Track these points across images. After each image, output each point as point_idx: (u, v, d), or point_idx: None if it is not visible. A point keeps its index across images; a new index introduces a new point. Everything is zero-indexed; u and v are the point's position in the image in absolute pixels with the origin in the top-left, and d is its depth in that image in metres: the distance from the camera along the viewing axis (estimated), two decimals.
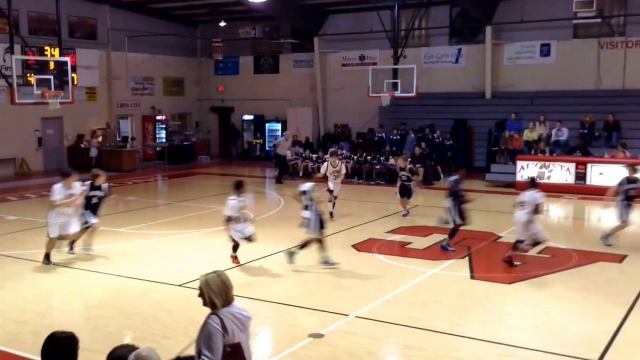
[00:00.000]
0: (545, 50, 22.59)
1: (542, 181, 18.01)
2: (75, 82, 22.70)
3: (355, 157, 21.70)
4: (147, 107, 27.27)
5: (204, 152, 28.00)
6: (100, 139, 24.46)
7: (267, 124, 28.08)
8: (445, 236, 11.58)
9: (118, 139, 25.85)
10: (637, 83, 20.58)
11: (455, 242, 11.30)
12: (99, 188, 11.25)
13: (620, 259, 10.59)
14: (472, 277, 9.67)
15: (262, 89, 27.96)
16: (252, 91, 28.19)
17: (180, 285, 9.31)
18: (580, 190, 17.34)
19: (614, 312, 7.97)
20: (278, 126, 27.72)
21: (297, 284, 9.48)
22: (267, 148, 27.71)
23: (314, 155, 22.67)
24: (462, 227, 11.32)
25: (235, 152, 28.48)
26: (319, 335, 7.28)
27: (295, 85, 27.35)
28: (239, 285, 9.26)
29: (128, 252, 11.50)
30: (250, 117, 28.50)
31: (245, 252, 11.21)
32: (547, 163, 18.31)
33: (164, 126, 27.48)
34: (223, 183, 21.67)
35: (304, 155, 22.86)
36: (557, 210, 16.20)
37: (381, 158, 21.19)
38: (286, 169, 21.70)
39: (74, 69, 21.55)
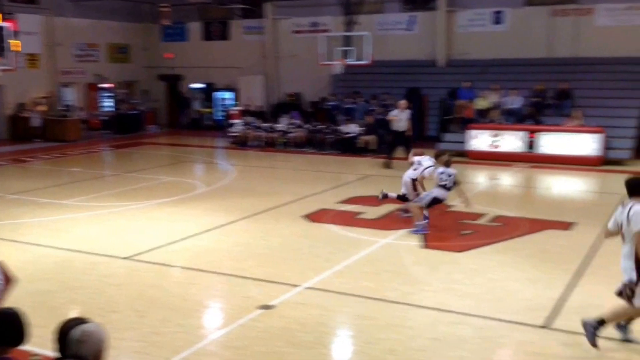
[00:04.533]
0: (497, 18, 22.68)
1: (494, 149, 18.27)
2: (19, 49, 21.63)
3: (309, 126, 21.49)
4: (92, 75, 26.30)
5: (152, 121, 27.27)
6: (43, 107, 23.51)
7: (217, 93, 27.51)
8: (398, 205, 11.57)
9: (59, 107, 24.83)
10: (589, 51, 20.86)
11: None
12: None
13: (568, 226, 10.77)
14: (423, 246, 9.67)
15: (212, 57, 27.29)
16: (201, 59, 27.48)
17: (127, 258, 9.03)
18: (531, 158, 17.58)
19: (561, 278, 8.07)
20: (229, 95, 27.20)
21: (248, 255, 9.30)
22: (216, 117, 27.21)
23: (266, 125, 22.35)
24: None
25: (185, 121, 27.85)
26: (269, 307, 7.15)
27: (246, 53, 26.79)
28: (189, 257, 9.13)
29: (72, 224, 11.08)
30: (199, 85, 27.86)
31: (195, 223, 10.99)
32: (498, 131, 18.48)
33: (110, 94, 26.60)
34: (172, 153, 21.23)
35: (255, 124, 22.50)
36: (508, 179, 16.40)
37: (334, 127, 21.01)
38: (405, 146, 16.61)
39: (15, 35, 20.49)
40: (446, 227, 10.76)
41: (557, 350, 6.13)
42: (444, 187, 10.28)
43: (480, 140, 18.56)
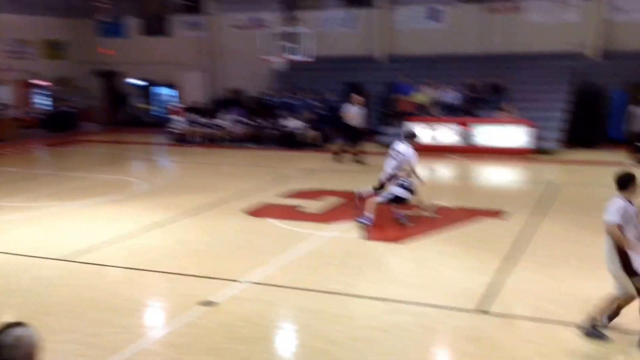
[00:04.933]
0: (434, 15, 23.15)
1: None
2: None
3: (252, 122, 21.42)
4: (26, 72, 25.37)
5: (89, 118, 26.57)
6: None
7: (155, 89, 27.06)
8: (343, 199, 11.66)
9: None
10: (520, 46, 21.56)
11: (353, 205, 11.36)
12: None
13: (501, 214, 11.16)
14: (365, 239, 9.84)
15: (152, 53, 26.77)
16: (141, 55, 26.92)
17: (64, 260, 8.83)
18: (467, 150, 18.07)
19: (495, 265, 8.37)
20: (170, 91, 26.79)
21: (189, 252, 9.25)
22: (155, 114, 26.76)
23: (208, 121, 22.15)
24: (354, 190, 11.52)
25: (122, 118, 27.25)
26: (212, 304, 7.14)
27: (187, 49, 26.42)
28: (128, 256, 9.00)
29: (7, 226, 10.73)
30: (138, 81, 27.32)
31: (134, 222, 10.84)
32: (435, 125, 18.92)
33: (46, 92, 25.76)
34: (111, 151, 20.79)
35: (197, 121, 22.25)
36: (445, 170, 16.80)
37: (277, 122, 21.02)
38: (357, 142, 17.13)
39: None
40: (388, 219, 10.95)
41: (493, 333, 6.37)
42: (403, 186, 10.44)
43: (418, 133, 18.91)
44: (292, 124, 20.67)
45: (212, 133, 21.58)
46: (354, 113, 17.18)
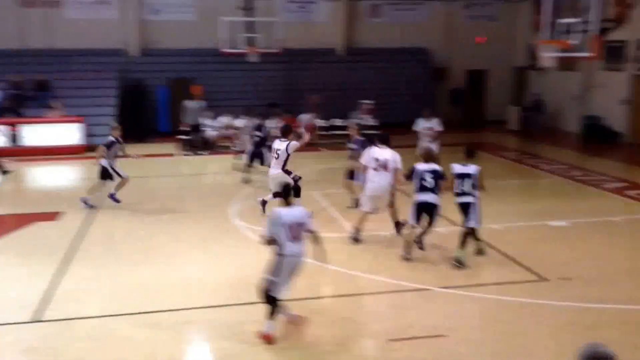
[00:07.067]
0: None
1: None
2: None
3: None
4: None
5: None
6: None
7: None
8: None
9: None
10: (63, 42, 21.16)
11: None
12: None
13: (56, 216, 10.90)
14: None
15: None
16: None
17: None
18: (16, 152, 16.95)
19: (51, 269, 8.15)
20: None
21: None
22: None
23: None
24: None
25: None
26: None
27: None
28: None
29: None
30: None
31: None
32: None
33: None
34: None
35: None
36: None
37: None
38: None
39: None
40: None
41: (51, 341, 6.22)
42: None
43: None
44: None
45: None
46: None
